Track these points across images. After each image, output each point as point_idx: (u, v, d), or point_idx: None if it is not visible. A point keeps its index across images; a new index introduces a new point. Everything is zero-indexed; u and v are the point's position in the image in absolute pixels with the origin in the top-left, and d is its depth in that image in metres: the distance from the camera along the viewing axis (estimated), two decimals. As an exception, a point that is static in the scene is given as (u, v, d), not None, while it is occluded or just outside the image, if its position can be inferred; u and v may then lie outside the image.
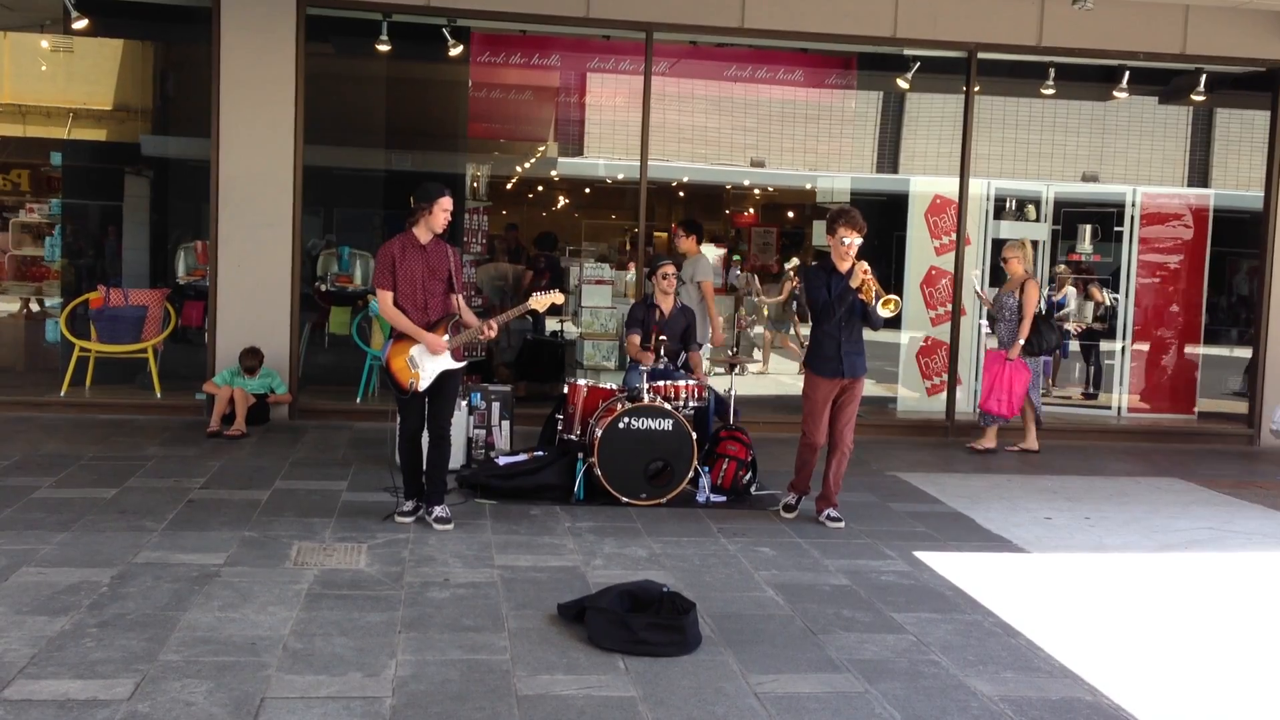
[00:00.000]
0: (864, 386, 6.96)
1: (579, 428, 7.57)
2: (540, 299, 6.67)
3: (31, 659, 4.27)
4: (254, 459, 8.06)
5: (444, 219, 6.34)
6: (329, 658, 4.41)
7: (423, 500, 6.54)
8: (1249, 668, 4.88)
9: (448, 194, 6.34)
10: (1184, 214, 11.31)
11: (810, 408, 6.85)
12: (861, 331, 6.80)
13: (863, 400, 7.05)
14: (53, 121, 13.24)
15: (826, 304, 6.68)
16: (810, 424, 6.86)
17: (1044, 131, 11.71)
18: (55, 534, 5.92)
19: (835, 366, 6.73)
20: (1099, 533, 7.09)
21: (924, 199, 10.81)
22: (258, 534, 6.11)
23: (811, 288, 6.87)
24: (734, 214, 16.91)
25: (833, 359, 6.72)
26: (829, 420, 6.84)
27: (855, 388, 6.82)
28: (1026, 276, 9.57)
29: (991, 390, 9.57)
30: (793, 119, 11.41)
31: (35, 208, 12.36)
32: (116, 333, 10.11)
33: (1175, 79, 11.38)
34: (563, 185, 16.07)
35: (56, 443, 8.35)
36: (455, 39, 10.06)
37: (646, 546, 6.24)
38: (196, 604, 4.96)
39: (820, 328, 6.80)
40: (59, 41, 12.13)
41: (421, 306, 6.36)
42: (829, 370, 6.75)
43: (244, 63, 9.32)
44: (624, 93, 10.61)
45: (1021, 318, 9.43)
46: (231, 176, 9.38)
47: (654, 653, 4.58)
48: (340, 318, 11.26)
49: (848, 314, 6.67)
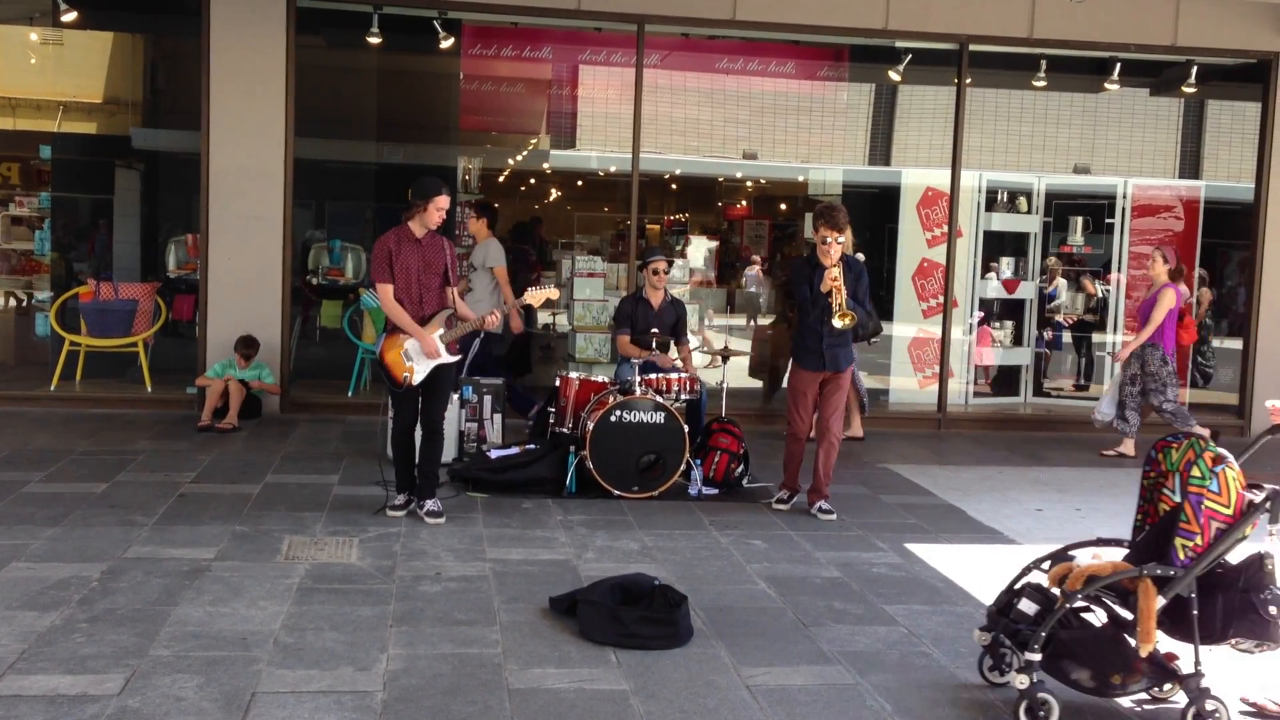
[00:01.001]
0: (850, 378, 7.00)
1: (571, 421, 7.57)
2: (535, 294, 6.67)
3: (21, 654, 4.26)
4: (245, 453, 8.04)
5: (438, 217, 6.33)
6: (320, 652, 4.41)
7: (414, 494, 6.53)
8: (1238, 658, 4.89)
9: (444, 192, 6.32)
10: (1175, 205, 11.32)
11: (793, 398, 6.94)
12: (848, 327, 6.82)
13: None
14: (42, 114, 13.18)
15: (805, 300, 6.78)
16: (793, 414, 6.94)
17: (1035, 123, 11.71)
18: (45, 529, 5.91)
19: (817, 360, 6.80)
20: (1090, 524, 7.11)
21: (916, 191, 10.81)
22: (249, 528, 6.10)
23: (794, 282, 6.96)
24: (726, 206, 16.88)
25: (814, 351, 6.79)
26: (817, 410, 6.90)
27: (840, 379, 6.85)
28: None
29: None
30: (785, 111, 11.39)
31: (25, 201, 12.31)
32: (107, 326, 10.07)
33: (1166, 71, 11.38)
34: (555, 178, 16.02)
35: (47, 437, 8.33)
36: (446, 31, 10.03)
37: (638, 539, 6.24)
38: (187, 599, 4.95)
39: (804, 321, 6.87)
40: (48, 34, 12.06)
41: (417, 300, 6.34)
42: (811, 363, 6.82)
43: (234, 55, 9.29)
44: (616, 85, 10.59)
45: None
46: (222, 169, 9.35)
47: (646, 646, 4.58)
48: (331, 311, 11.23)
49: (830, 309, 6.72)
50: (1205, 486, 3.95)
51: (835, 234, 6.63)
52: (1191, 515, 3.95)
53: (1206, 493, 3.95)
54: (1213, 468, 3.96)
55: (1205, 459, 3.99)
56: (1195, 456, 4.02)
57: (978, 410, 11.09)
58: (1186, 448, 4.09)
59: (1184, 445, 4.11)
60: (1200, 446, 4.05)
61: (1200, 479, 3.96)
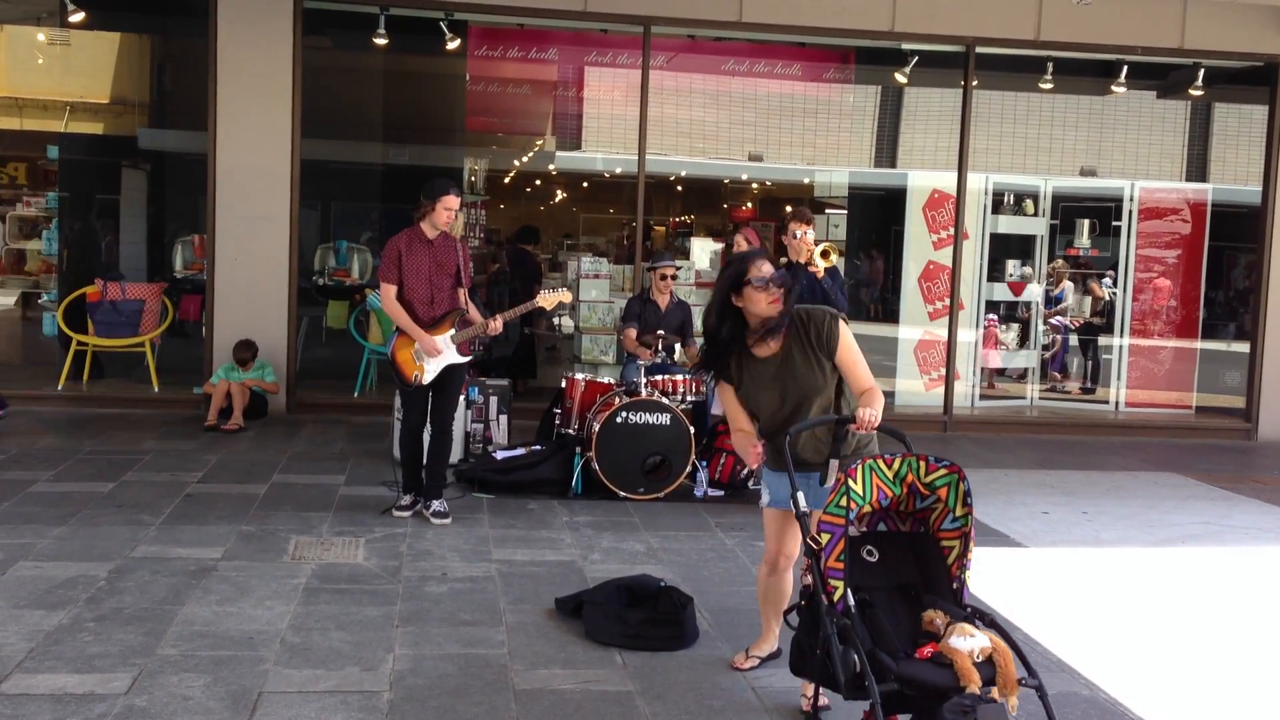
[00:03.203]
0: None
1: (577, 422, 7.57)
2: (548, 297, 6.64)
3: (29, 653, 4.27)
4: (251, 453, 8.05)
5: (446, 217, 6.33)
6: (326, 652, 4.41)
7: (421, 494, 6.53)
8: (1245, 662, 4.89)
9: (453, 192, 6.31)
10: (1182, 209, 11.30)
11: None
12: None
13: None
14: (49, 115, 13.20)
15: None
16: None
17: (1042, 126, 11.70)
18: (52, 528, 5.92)
19: None
20: (1096, 527, 7.10)
21: (922, 193, 10.80)
22: (255, 528, 6.11)
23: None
24: (732, 208, 16.87)
25: None
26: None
27: None
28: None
29: None
30: (791, 113, 11.39)
31: (32, 201, 12.34)
32: (114, 327, 10.09)
33: (1173, 73, 11.37)
34: (560, 179, 16.03)
35: (54, 437, 8.35)
36: (453, 33, 10.04)
37: (644, 541, 6.24)
38: (194, 598, 4.95)
39: None
40: (55, 35, 12.09)
41: (428, 301, 6.34)
42: None
43: (241, 56, 9.30)
44: (622, 87, 10.60)
45: None
46: (229, 170, 9.36)
47: (651, 647, 4.58)
48: (337, 312, 11.24)
49: (811, 301, 6.76)
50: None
51: (804, 225, 6.75)
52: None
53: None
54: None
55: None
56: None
57: (984, 413, 11.08)
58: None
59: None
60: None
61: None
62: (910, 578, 3.62)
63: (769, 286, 3.96)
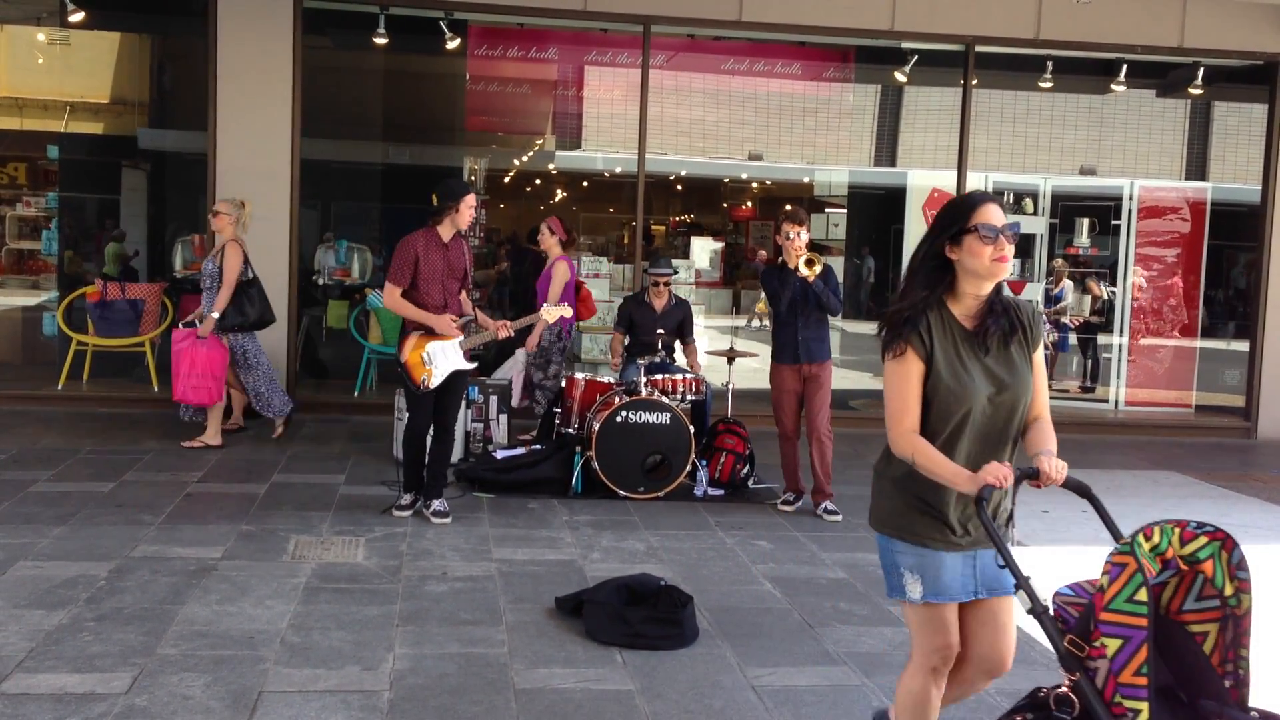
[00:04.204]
0: (831, 374, 7.05)
1: (577, 421, 7.58)
2: (550, 311, 6.85)
3: (29, 652, 4.27)
4: (251, 453, 8.06)
5: (469, 216, 6.39)
6: (326, 651, 4.42)
7: (421, 494, 6.54)
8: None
9: (472, 191, 6.42)
10: (1181, 207, 11.31)
11: (775, 397, 7.02)
12: (823, 321, 6.95)
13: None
14: (49, 114, 13.19)
15: (775, 293, 6.89)
16: (778, 414, 7.03)
17: (1042, 125, 11.70)
18: (53, 527, 5.93)
19: (792, 353, 6.89)
20: (1095, 526, 7.09)
21: (921, 192, 10.81)
22: (255, 528, 6.11)
23: (765, 283, 7.07)
24: (732, 207, 16.88)
25: (789, 345, 6.89)
26: (805, 410, 6.97)
27: (820, 374, 6.90)
28: (233, 238, 8.15)
29: (188, 375, 7.97)
30: (790, 112, 11.39)
31: (32, 201, 12.33)
32: (114, 326, 10.10)
33: (1173, 72, 11.37)
34: (560, 179, 16.04)
35: (54, 436, 8.35)
36: (453, 32, 10.05)
37: (644, 540, 6.24)
38: (194, 597, 4.96)
39: (778, 318, 6.99)
40: (55, 34, 12.09)
41: (441, 305, 6.35)
42: (787, 357, 6.92)
43: (241, 56, 9.31)
44: (622, 86, 10.60)
45: (222, 285, 8.08)
46: (229, 170, 9.36)
47: (651, 646, 4.58)
48: (338, 311, 11.24)
49: (804, 303, 6.80)
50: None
51: (796, 227, 6.78)
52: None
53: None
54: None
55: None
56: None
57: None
58: None
59: None
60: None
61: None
62: (1164, 678, 2.72)
63: (999, 239, 2.99)
